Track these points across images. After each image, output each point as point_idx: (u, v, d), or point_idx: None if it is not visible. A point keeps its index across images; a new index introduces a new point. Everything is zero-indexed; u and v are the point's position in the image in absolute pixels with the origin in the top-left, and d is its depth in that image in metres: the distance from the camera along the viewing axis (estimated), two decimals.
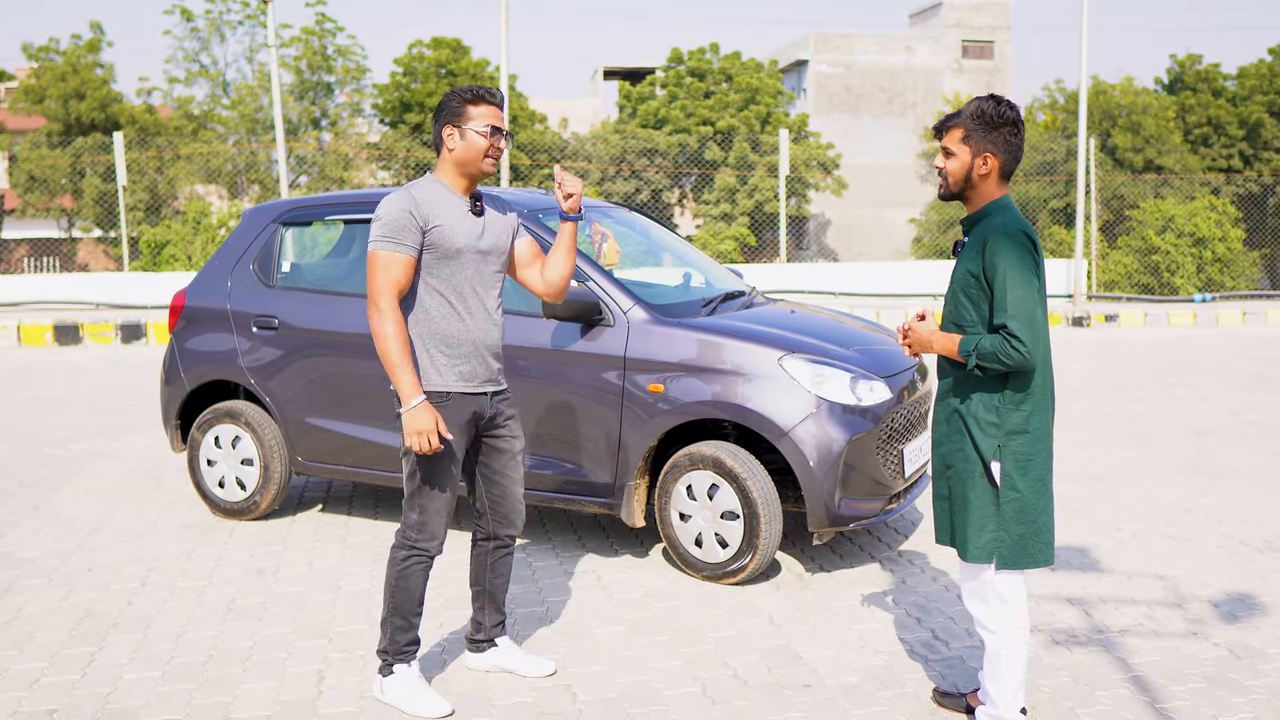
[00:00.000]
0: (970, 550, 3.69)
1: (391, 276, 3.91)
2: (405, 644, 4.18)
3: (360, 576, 5.59)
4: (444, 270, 4.00)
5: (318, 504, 6.94)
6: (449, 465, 4.04)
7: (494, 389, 4.17)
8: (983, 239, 3.60)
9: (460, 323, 4.03)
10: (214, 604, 5.25)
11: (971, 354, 3.60)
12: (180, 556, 5.93)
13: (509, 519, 4.35)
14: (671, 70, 35.69)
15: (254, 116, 30.16)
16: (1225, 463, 7.83)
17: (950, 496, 3.79)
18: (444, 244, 3.97)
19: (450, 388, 4.03)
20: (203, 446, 6.57)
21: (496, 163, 4.09)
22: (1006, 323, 3.52)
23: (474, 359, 4.07)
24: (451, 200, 4.04)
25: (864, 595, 5.26)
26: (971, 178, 3.68)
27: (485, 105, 4.02)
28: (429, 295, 4.01)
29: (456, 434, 4.04)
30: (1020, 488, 3.65)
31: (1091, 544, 5.96)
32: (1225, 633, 4.75)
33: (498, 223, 4.17)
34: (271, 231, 6.53)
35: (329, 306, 6.25)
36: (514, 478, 4.30)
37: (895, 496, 5.54)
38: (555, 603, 5.19)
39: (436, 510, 4.07)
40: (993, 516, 3.66)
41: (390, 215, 3.93)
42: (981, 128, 3.63)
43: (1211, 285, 20.90)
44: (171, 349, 6.74)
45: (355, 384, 6.11)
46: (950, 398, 3.78)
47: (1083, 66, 18.89)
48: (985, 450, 3.63)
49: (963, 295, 3.69)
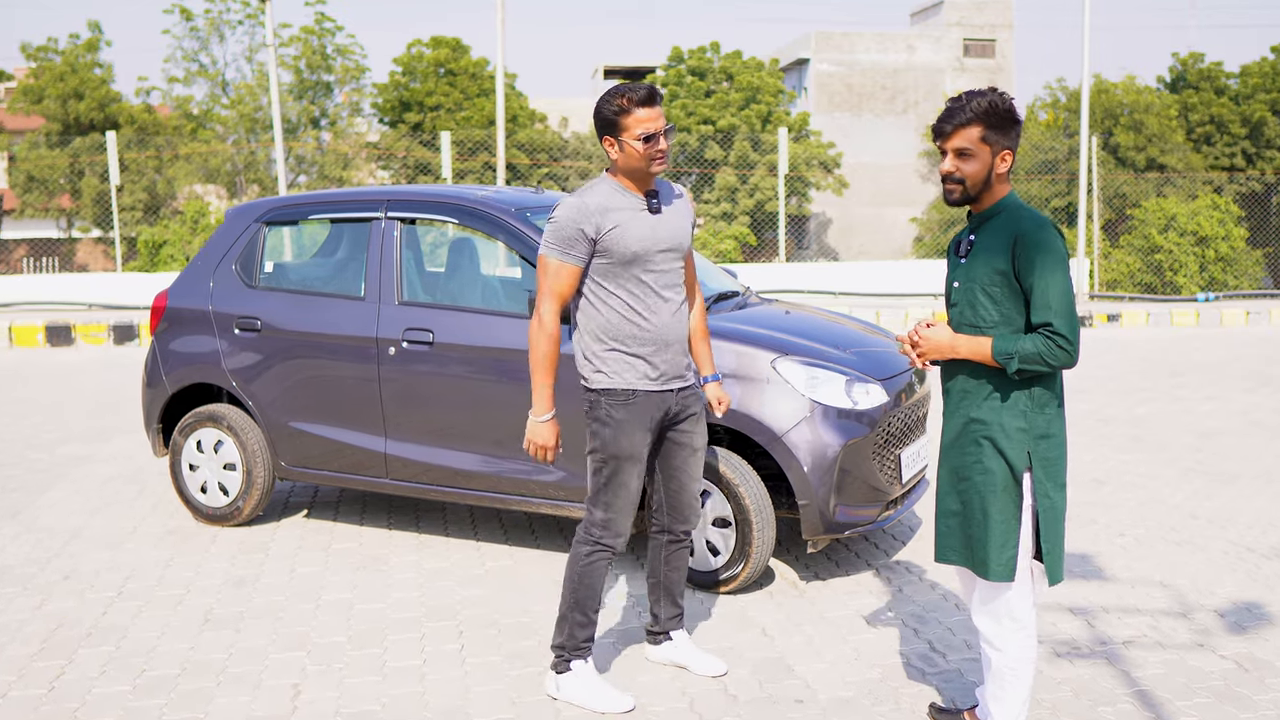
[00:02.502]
0: (992, 568, 3.50)
1: (556, 285, 3.96)
2: (583, 640, 4.14)
3: (342, 585, 5.44)
4: (623, 272, 3.97)
5: (303, 509, 6.79)
6: (634, 463, 4.04)
7: (680, 385, 4.12)
8: (1012, 235, 3.42)
9: (643, 322, 4.00)
10: (191, 614, 5.10)
11: (1014, 356, 3.39)
12: (159, 564, 5.78)
13: (683, 514, 4.29)
14: (672, 69, 35.60)
15: (253, 116, 30.03)
16: (1230, 465, 7.67)
17: (964, 512, 3.58)
18: (620, 248, 3.94)
19: (634, 386, 4.01)
20: (185, 451, 6.43)
21: (664, 162, 3.98)
22: (1051, 320, 3.35)
23: (658, 357, 4.03)
24: (626, 201, 4.00)
25: (860, 605, 5.11)
26: (991, 178, 3.50)
27: (635, 113, 3.89)
28: (609, 297, 3.99)
29: (640, 432, 4.02)
30: (1052, 495, 3.49)
31: (1095, 551, 5.81)
32: (1232, 644, 4.60)
33: (675, 215, 4.11)
34: (254, 231, 6.38)
35: (313, 307, 6.10)
36: (692, 474, 4.25)
37: (892, 503, 5.39)
38: (541, 612, 5.04)
39: (621, 507, 4.06)
40: (1014, 531, 3.48)
41: (561, 223, 3.93)
42: (998, 124, 3.46)
43: (1214, 284, 20.74)
44: (153, 351, 6.59)
45: (339, 387, 5.96)
46: (965, 406, 3.56)
47: (1085, 64, 18.73)
48: (1015, 459, 3.45)
49: (983, 295, 3.48)
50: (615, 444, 4.03)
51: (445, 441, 5.72)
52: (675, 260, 4.08)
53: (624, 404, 4.01)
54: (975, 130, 3.46)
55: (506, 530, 6.28)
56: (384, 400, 5.82)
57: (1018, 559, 3.49)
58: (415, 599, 5.24)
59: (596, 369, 4.05)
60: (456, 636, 4.80)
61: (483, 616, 5.01)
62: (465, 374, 5.63)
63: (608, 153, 3.96)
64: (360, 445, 5.93)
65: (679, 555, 4.37)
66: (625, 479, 4.04)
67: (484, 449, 5.63)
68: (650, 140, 3.89)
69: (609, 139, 3.94)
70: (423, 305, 5.83)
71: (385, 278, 5.89)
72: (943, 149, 3.53)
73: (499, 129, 18.04)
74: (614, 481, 4.04)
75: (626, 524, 4.10)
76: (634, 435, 4.02)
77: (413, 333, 5.73)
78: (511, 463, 5.56)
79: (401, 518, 6.55)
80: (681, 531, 4.32)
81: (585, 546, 4.10)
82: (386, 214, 5.98)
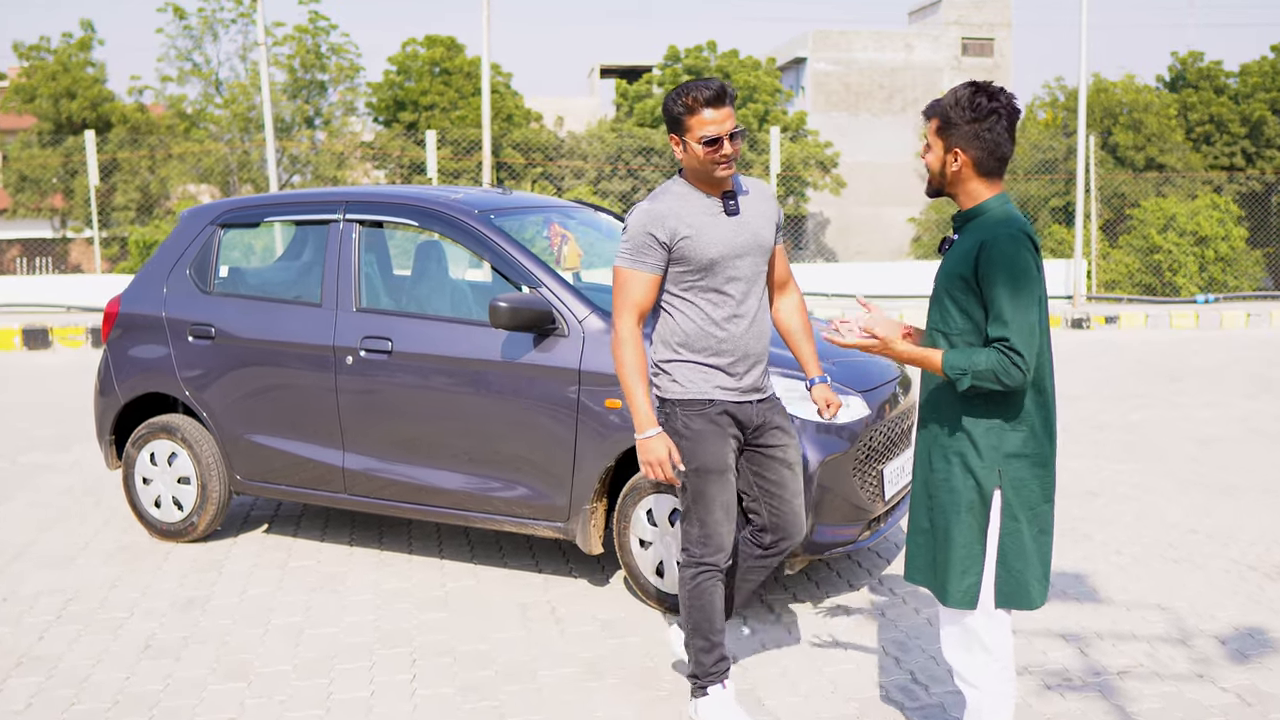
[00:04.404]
0: (950, 594, 3.25)
1: (632, 297, 3.78)
2: (712, 665, 3.91)
3: (294, 607, 5.15)
4: (700, 279, 3.79)
5: (263, 524, 6.50)
6: (719, 474, 3.84)
7: (759, 396, 3.93)
8: (978, 240, 3.17)
9: (720, 331, 3.82)
10: (131, 640, 4.82)
11: (966, 374, 3.13)
12: (105, 585, 5.49)
13: (782, 529, 4.05)
14: (669, 68, 35.31)
15: (247, 115, 29.76)
16: (1231, 476, 7.38)
17: (932, 530, 3.34)
18: (695, 255, 3.76)
19: (713, 395, 3.83)
20: (138, 463, 6.14)
21: (731, 167, 3.76)
22: (1007, 336, 3.09)
23: (736, 368, 3.85)
24: (700, 204, 3.81)
25: (839, 630, 4.82)
26: (945, 173, 3.27)
27: (700, 113, 3.68)
28: (686, 305, 3.82)
29: (720, 441, 3.83)
30: (1020, 518, 3.21)
31: (1088, 570, 5.52)
32: (1234, 675, 4.31)
33: (756, 216, 3.89)
34: (209, 234, 6.09)
35: (269, 314, 5.81)
36: (794, 489, 4.03)
37: (875, 521, 5.11)
38: (500, 640, 4.75)
39: (716, 521, 3.86)
40: (978, 557, 3.22)
41: (632, 231, 3.78)
42: (954, 121, 3.21)
43: (1214, 285, 20.45)
44: (105, 359, 6.31)
45: (296, 398, 5.68)
46: (936, 418, 3.31)
47: (1082, 63, 18.44)
48: (984, 478, 3.19)
49: (949, 300, 3.25)
50: (696, 456, 3.83)
51: (405, 456, 5.44)
52: (758, 264, 3.87)
53: (700, 414, 3.83)
54: (934, 123, 3.27)
55: (473, 547, 5.99)
56: (341, 412, 5.54)
57: (980, 586, 3.23)
58: (369, 623, 4.96)
59: (672, 379, 3.86)
60: (409, 665, 4.51)
61: (439, 644, 4.72)
62: (425, 385, 5.34)
63: (674, 151, 3.75)
64: (317, 459, 5.65)
65: (766, 564, 4.13)
66: (714, 491, 3.84)
67: (446, 464, 5.35)
68: (713, 144, 3.69)
69: (674, 137, 3.75)
70: (382, 312, 5.55)
71: (343, 283, 5.60)
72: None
73: (485, 127, 17.76)
74: (702, 495, 3.84)
75: (725, 537, 3.87)
76: (716, 445, 3.83)
77: (370, 341, 5.44)
78: (474, 478, 5.28)
79: (364, 533, 6.26)
80: (782, 546, 4.08)
81: (689, 569, 3.89)
82: (344, 216, 5.69)
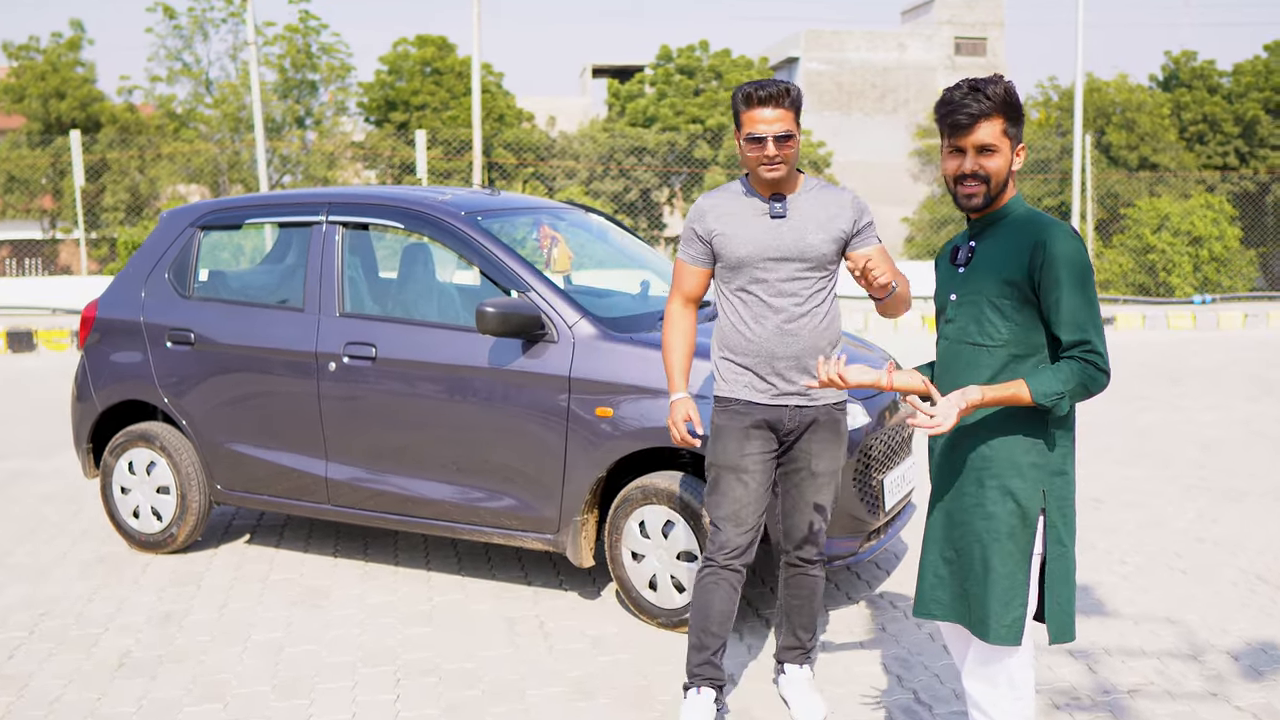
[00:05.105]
0: (993, 629, 3.01)
1: (678, 281, 3.96)
2: (695, 665, 3.90)
3: (275, 623, 4.98)
4: (733, 279, 3.84)
5: (245, 534, 6.32)
6: (732, 473, 3.84)
7: (796, 402, 3.84)
8: (1030, 243, 2.96)
9: (749, 332, 3.81)
10: (105, 657, 4.64)
11: (1063, 396, 2.93)
12: (81, 599, 5.32)
13: (794, 538, 4.01)
14: (661, 68, 35.13)
15: (237, 115, 29.54)
16: (1237, 482, 7.23)
17: (959, 562, 3.10)
18: (727, 253, 3.81)
19: (738, 394, 3.85)
20: (116, 473, 5.96)
21: (777, 168, 3.73)
22: (1087, 339, 2.92)
23: (762, 369, 3.82)
24: (747, 204, 3.83)
25: (837, 647, 4.66)
26: (1010, 176, 3.08)
27: (752, 110, 3.69)
28: (724, 302, 3.89)
29: (737, 441, 3.83)
30: (1066, 541, 3.03)
31: (1094, 581, 5.37)
32: (1248, 693, 4.16)
33: (810, 225, 3.80)
34: (189, 236, 5.91)
35: (250, 319, 5.64)
36: (806, 497, 3.95)
37: (875, 532, 4.94)
38: (487, 658, 4.58)
39: (723, 517, 3.85)
40: (1022, 586, 3.01)
41: (686, 222, 3.89)
42: (1016, 116, 3.03)
43: (1208, 285, 20.34)
44: (83, 365, 6.12)
45: (277, 405, 5.51)
46: (964, 437, 3.08)
47: (1079, 61, 18.32)
48: (1028, 501, 2.99)
49: (992, 309, 3.02)
50: (713, 450, 3.89)
51: (390, 465, 5.27)
52: (796, 269, 3.79)
53: (724, 410, 3.88)
54: (998, 123, 3.02)
55: (461, 559, 5.82)
56: (324, 420, 5.37)
57: (1024, 620, 3.02)
58: (353, 639, 4.78)
59: (719, 374, 3.92)
60: (393, 685, 4.34)
61: (424, 661, 4.55)
62: (411, 392, 5.17)
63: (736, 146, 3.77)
64: (300, 468, 5.48)
65: (798, 582, 4.06)
66: (724, 488, 3.85)
67: (432, 474, 5.18)
68: (757, 143, 3.68)
69: (736, 132, 3.75)
70: (366, 317, 5.38)
71: (326, 287, 5.43)
72: (958, 146, 3.04)
73: (475, 127, 17.61)
74: (715, 489, 3.88)
75: (733, 539, 3.83)
76: (729, 443, 3.84)
77: (354, 347, 5.27)
78: (461, 489, 5.11)
79: (349, 545, 6.09)
80: (797, 557, 4.02)
81: (702, 565, 3.91)
82: (328, 218, 5.52)
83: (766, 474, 3.88)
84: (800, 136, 3.74)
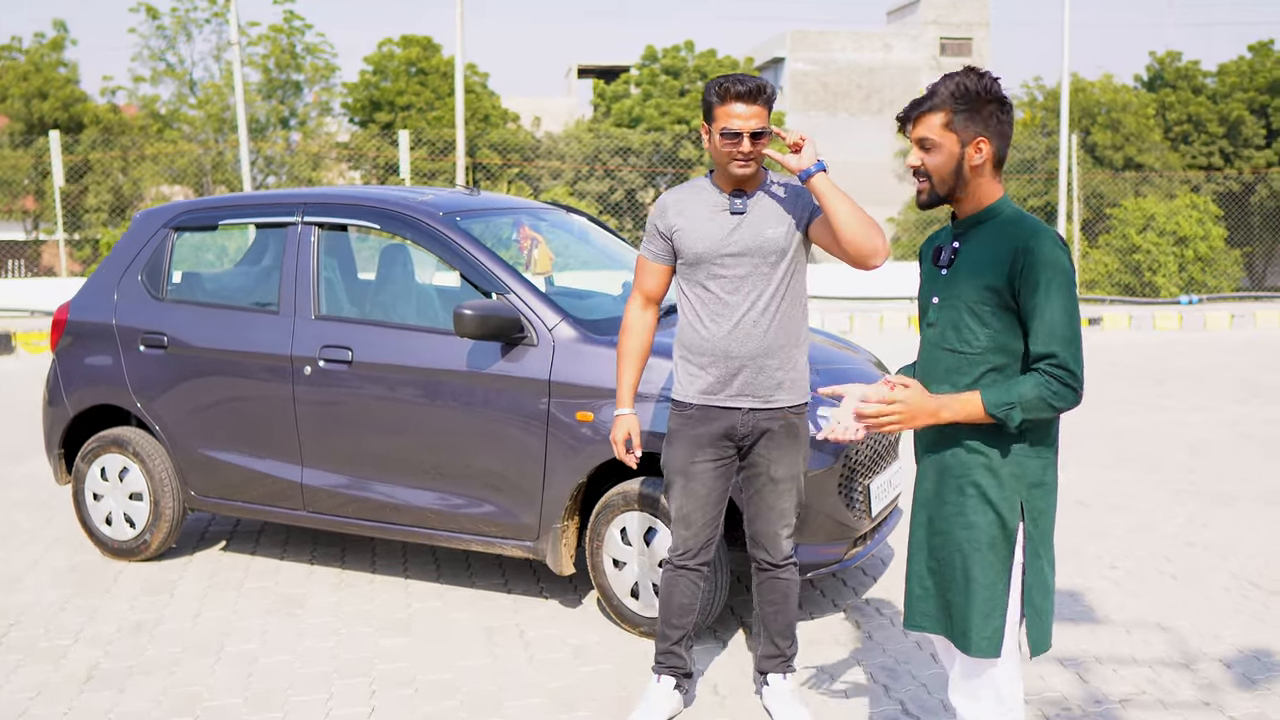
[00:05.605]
0: (974, 641, 2.92)
1: (638, 279, 3.93)
2: (659, 653, 4.03)
3: (249, 633, 4.87)
4: (691, 275, 3.80)
5: (221, 540, 6.21)
6: (682, 478, 3.86)
7: (751, 405, 3.79)
8: (1013, 248, 2.83)
9: (704, 330, 3.77)
10: (74, 669, 4.52)
11: (1014, 407, 2.81)
12: (51, 607, 5.20)
13: (761, 544, 3.97)
14: (646, 68, 35.07)
15: (221, 116, 29.40)
16: (1225, 484, 7.17)
17: (941, 572, 3.00)
18: (685, 248, 3.78)
19: (689, 399, 3.82)
20: (88, 479, 5.84)
21: (749, 165, 3.70)
22: (1054, 352, 2.78)
23: (716, 369, 3.77)
24: (708, 200, 3.80)
25: (824, 655, 4.57)
26: (963, 172, 2.91)
27: (727, 104, 3.65)
28: (683, 301, 3.85)
29: (686, 447, 3.83)
30: (1043, 553, 2.93)
31: (1084, 587, 5.29)
32: (1242, 702, 4.08)
33: (768, 219, 3.76)
34: (162, 238, 5.80)
35: (224, 322, 5.53)
36: (769, 503, 3.92)
37: (862, 538, 4.85)
38: (465, 668, 4.47)
39: (676, 519, 3.91)
40: (1002, 597, 2.91)
41: (649, 218, 3.87)
42: (968, 107, 2.87)
43: (1193, 285, 20.33)
44: (54, 369, 6.00)
45: (252, 410, 5.39)
46: (945, 445, 2.97)
47: (1065, 61, 18.29)
48: (1006, 510, 2.89)
49: (970, 316, 2.89)
50: (666, 455, 3.91)
51: (367, 471, 5.16)
52: (753, 265, 3.73)
53: (678, 414, 3.87)
54: (938, 116, 2.90)
55: (439, 566, 5.72)
56: (300, 425, 5.25)
57: (1005, 631, 2.94)
58: (328, 650, 4.68)
59: (676, 377, 3.90)
60: (368, 697, 4.23)
61: (400, 672, 4.44)
62: (387, 396, 5.06)
63: (704, 140, 3.73)
64: (274, 474, 5.37)
65: (770, 586, 4.01)
66: (674, 492, 3.90)
67: (409, 479, 5.07)
68: (731, 138, 3.64)
69: (705, 125, 3.72)
70: (342, 320, 5.28)
71: (301, 289, 5.32)
72: (911, 140, 2.98)
73: (458, 127, 17.49)
74: (669, 494, 3.93)
75: (685, 538, 3.90)
76: (679, 449, 3.85)
77: (330, 350, 5.16)
78: (439, 495, 5.01)
79: (326, 552, 5.98)
80: (766, 562, 3.98)
81: (664, 564, 4.01)
82: (303, 218, 5.41)
83: (720, 479, 3.86)
84: (770, 135, 3.69)
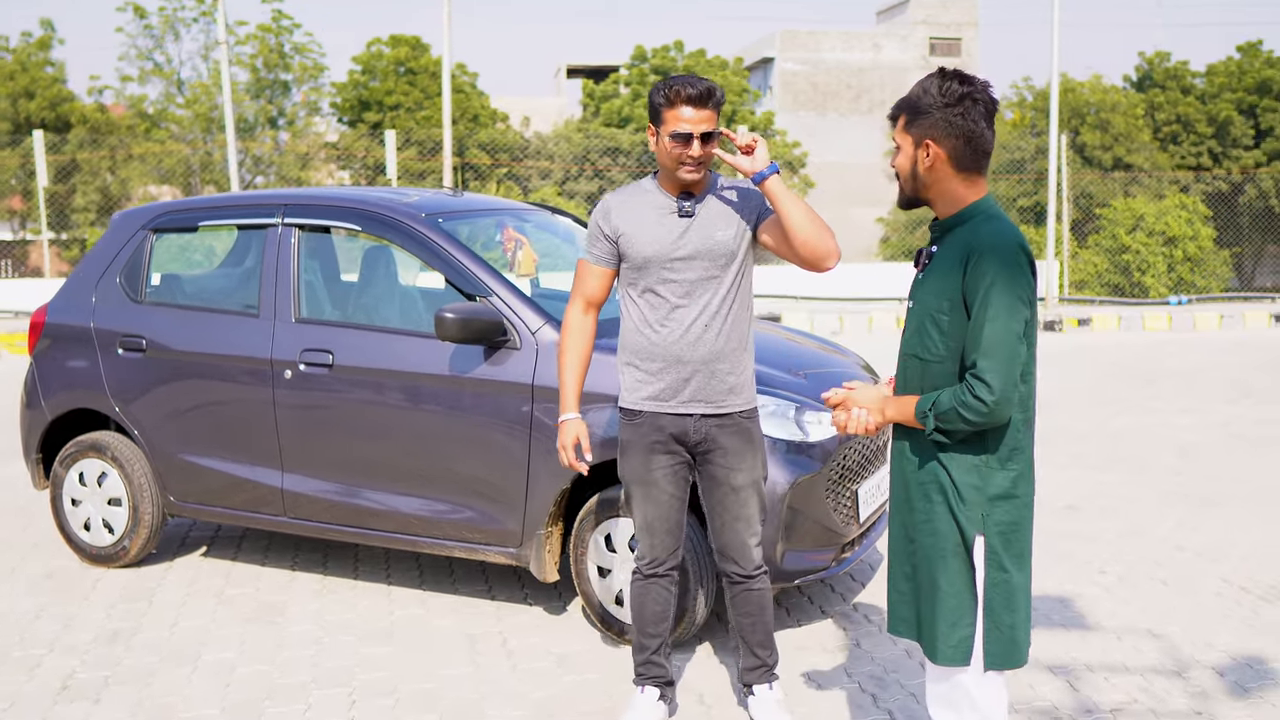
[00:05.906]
0: (940, 649, 2.90)
1: (579, 283, 3.84)
2: (637, 664, 3.99)
3: (228, 641, 4.79)
4: (639, 279, 3.72)
5: (202, 546, 6.12)
6: (641, 487, 3.81)
7: (703, 411, 3.73)
8: (965, 252, 2.80)
9: (654, 335, 3.71)
10: (48, 680, 4.44)
11: (927, 415, 2.82)
12: (27, 616, 5.12)
13: (729, 555, 3.89)
14: (635, 68, 35.06)
15: (209, 115, 29.28)
16: (1216, 486, 7.12)
17: (915, 577, 2.97)
18: (631, 253, 3.71)
19: (639, 406, 3.75)
20: (66, 484, 5.76)
21: (697, 170, 3.63)
22: (976, 361, 2.74)
23: (667, 376, 3.71)
24: (653, 203, 3.72)
25: (811, 663, 4.50)
26: (918, 174, 2.92)
27: (676, 108, 3.57)
28: (629, 305, 3.78)
29: (641, 456, 3.77)
30: (1008, 566, 2.87)
31: (1074, 592, 5.23)
32: (1235, 711, 4.02)
33: (717, 222, 3.70)
34: (141, 239, 5.71)
35: (203, 325, 5.44)
36: (734, 513, 3.84)
37: (849, 544, 4.79)
38: (447, 677, 4.40)
39: (640, 527, 3.87)
40: (970, 607, 2.87)
41: (591, 220, 3.80)
42: (922, 109, 2.87)
43: (1182, 285, 20.33)
44: (31, 372, 5.91)
45: (232, 415, 5.31)
46: (914, 452, 2.95)
47: (1054, 61, 18.26)
48: (966, 522, 2.84)
49: (930, 323, 2.87)
50: (621, 465, 3.85)
51: (348, 476, 5.09)
52: (704, 268, 3.68)
53: (628, 423, 3.80)
54: (901, 119, 2.95)
55: (423, 571, 5.64)
56: (280, 430, 5.18)
57: (973, 640, 2.88)
58: (307, 659, 4.60)
59: (623, 384, 3.82)
60: (347, 708, 4.16)
61: (380, 682, 4.37)
62: (369, 400, 4.99)
63: (649, 143, 3.66)
64: (255, 480, 5.29)
65: (744, 598, 3.93)
66: (635, 502, 3.84)
67: (390, 485, 5.00)
68: (682, 141, 3.56)
69: (651, 128, 3.65)
70: (323, 323, 5.20)
71: (281, 291, 5.24)
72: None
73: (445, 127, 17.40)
74: (630, 504, 3.87)
75: (650, 546, 3.86)
76: (634, 458, 3.79)
77: (310, 353, 5.08)
78: (421, 500, 4.94)
79: (308, 558, 5.90)
80: (736, 574, 3.90)
81: (633, 573, 3.96)
82: (283, 220, 5.33)
83: (678, 483, 3.82)
84: (719, 138, 3.62)
